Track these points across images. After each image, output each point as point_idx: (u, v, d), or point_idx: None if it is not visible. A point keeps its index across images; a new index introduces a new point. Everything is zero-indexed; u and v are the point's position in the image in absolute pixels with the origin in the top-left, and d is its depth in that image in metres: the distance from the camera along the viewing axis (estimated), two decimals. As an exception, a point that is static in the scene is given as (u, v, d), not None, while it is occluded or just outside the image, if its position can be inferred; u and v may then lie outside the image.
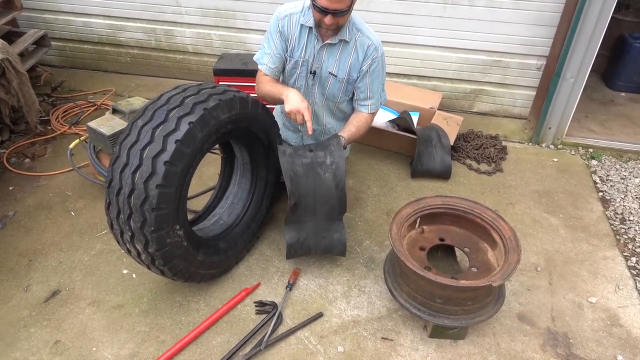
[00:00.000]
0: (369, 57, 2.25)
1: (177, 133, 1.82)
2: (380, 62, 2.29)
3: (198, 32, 3.89)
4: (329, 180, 2.17)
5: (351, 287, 2.37)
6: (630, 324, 2.23)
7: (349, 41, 2.22)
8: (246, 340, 2.08)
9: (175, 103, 1.90)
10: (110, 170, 1.88)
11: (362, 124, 2.36)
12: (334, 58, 2.26)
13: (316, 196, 2.20)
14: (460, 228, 2.26)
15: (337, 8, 2.00)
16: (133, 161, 1.81)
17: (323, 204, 2.22)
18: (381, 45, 2.28)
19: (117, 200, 1.85)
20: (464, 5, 3.32)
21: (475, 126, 3.60)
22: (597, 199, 3.00)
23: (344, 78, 2.31)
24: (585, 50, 3.04)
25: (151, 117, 1.87)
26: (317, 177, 2.17)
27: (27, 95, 3.15)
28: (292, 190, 2.14)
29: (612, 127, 3.68)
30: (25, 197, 2.88)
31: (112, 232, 1.98)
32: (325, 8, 2.01)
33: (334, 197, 2.20)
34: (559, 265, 2.52)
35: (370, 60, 2.25)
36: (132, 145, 1.84)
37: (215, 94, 1.98)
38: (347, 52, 2.25)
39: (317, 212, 2.24)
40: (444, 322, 1.99)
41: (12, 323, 2.16)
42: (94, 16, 3.99)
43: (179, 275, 2.07)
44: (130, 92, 3.96)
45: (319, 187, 2.18)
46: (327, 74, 2.31)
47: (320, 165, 2.17)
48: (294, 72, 2.34)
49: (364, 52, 2.24)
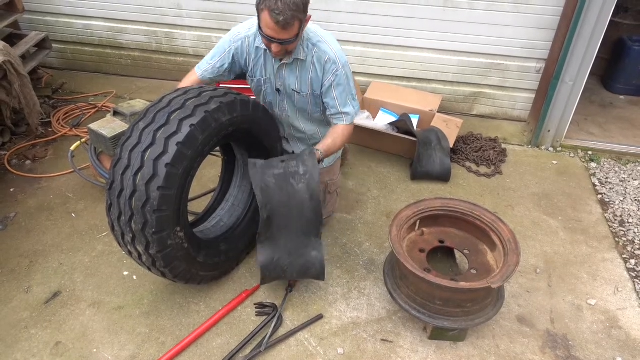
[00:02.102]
0: (329, 72, 2.13)
1: (179, 135, 1.83)
2: (343, 74, 2.15)
3: (199, 34, 3.91)
4: (302, 192, 2.05)
5: (351, 289, 2.38)
6: (630, 326, 2.24)
7: (304, 59, 2.12)
8: (246, 342, 2.09)
9: (176, 105, 1.91)
10: (111, 172, 1.88)
11: (339, 135, 2.24)
12: (294, 76, 2.18)
13: (290, 209, 2.07)
14: (460, 230, 2.27)
15: (282, 38, 1.93)
16: (134, 163, 1.82)
17: (298, 218, 2.09)
18: (342, 55, 2.14)
19: (119, 202, 1.86)
20: (464, 9, 3.33)
21: (475, 129, 3.61)
22: (596, 201, 3.01)
23: (308, 94, 2.23)
24: (584, 53, 3.05)
25: (153, 120, 1.88)
26: (290, 189, 2.05)
27: (28, 97, 3.16)
28: (263, 202, 2.03)
29: (611, 130, 3.70)
30: (26, 199, 2.89)
31: (113, 233, 1.98)
32: (270, 37, 1.93)
33: (308, 210, 2.07)
34: (558, 268, 2.53)
35: (331, 75, 2.13)
36: (133, 147, 1.84)
37: (217, 97, 1.99)
38: (306, 69, 2.16)
39: (292, 227, 2.11)
40: (443, 324, 2.00)
41: (13, 324, 2.17)
42: (95, 19, 4.01)
43: (179, 276, 2.07)
44: (131, 95, 3.98)
45: (293, 199, 2.06)
46: (291, 90, 2.24)
47: (293, 176, 2.06)
48: (260, 90, 2.31)
49: (322, 67, 2.13)
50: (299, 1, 1.87)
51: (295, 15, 1.88)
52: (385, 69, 3.74)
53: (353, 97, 2.24)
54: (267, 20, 1.89)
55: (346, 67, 2.17)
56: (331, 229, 2.72)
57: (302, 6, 1.90)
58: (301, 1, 1.89)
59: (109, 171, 1.92)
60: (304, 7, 1.91)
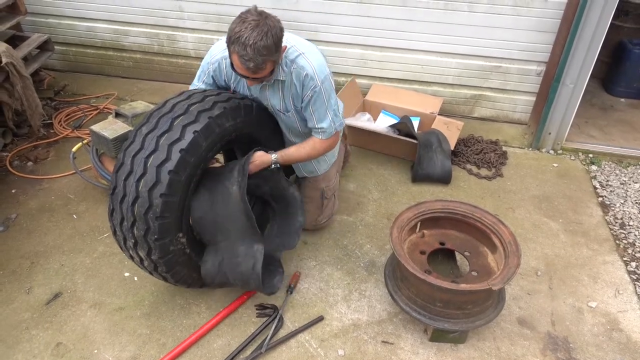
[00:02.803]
0: (307, 87, 2.04)
1: (182, 142, 1.82)
2: (321, 90, 2.05)
3: (200, 37, 3.92)
4: (235, 194, 1.99)
5: (352, 290, 2.38)
6: (630, 329, 2.24)
7: (284, 79, 2.05)
8: (247, 343, 2.09)
9: (180, 111, 1.89)
10: (114, 177, 1.87)
11: (308, 146, 2.20)
12: (278, 97, 2.13)
13: (227, 213, 2.02)
14: (461, 232, 2.27)
15: (256, 77, 1.89)
16: (137, 169, 1.81)
17: (233, 222, 2.03)
18: (321, 70, 2.04)
19: (121, 207, 1.85)
20: (464, 12, 3.34)
21: (476, 131, 3.62)
22: (596, 204, 3.01)
23: (293, 112, 2.19)
24: (584, 56, 3.06)
25: (155, 125, 1.86)
26: (224, 191, 2.01)
27: (30, 98, 3.17)
28: (193, 206, 1.99)
29: (612, 133, 3.70)
30: (27, 200, 2.89)
31: (115, 238, 1.97)
32: (243, 76, 1.91)
33: (241, 212, 2.01)
34: (559, 270, 2.53)
35: (310, 90, 2.04)
36: (136, 153, 1.83)
37: (220, 102, 1.97)
38: (287, 88, 2.09)
39: (230, 231, 2.06)
40: (444, 325, 2.00)
41: (14, 325, 2.17)
42: (97, 21, 4.02)
43: (181, 281, 2.07)
44: (133, 96, 3.99)
45: (227, 202, 2.01)
46: (277, 110, 2.21)
47: (229, 178, 2.02)
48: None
49: (300, 83, 2.05)
50: (270, 43, 1.76)
51: (267, 58, 1.80)
52: (385, 72, 3.74)
53: (334, 112, 2.15)
54: (237, 63, 1.83)
55: (326, 82, 2.06)
56: (332, 230, 2.72)
57: (274, 47, 1.79)
58: (272, 42, 1.77)
59: (111, 176, 1.90)
60: (275, 48, 1.80)
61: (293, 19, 3.61)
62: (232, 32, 1.78)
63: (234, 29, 1.77)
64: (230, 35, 1.79)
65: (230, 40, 1.79)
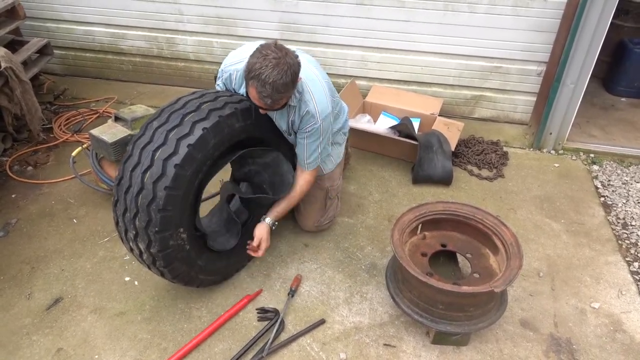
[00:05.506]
0: (306, 123, 2.11)
1: (190, 137, 1.85)
2: (319, 127, 2.12)
3: (199, 39, 3.92)
4: None
5: (353, 293, 2.37)
6: (634, 330, 2.22)
7: (295, 105, 2.09)
8: (248, 347, 2.08)
9: (191, 108, 1.93)
10: (121, 168, 1.91)
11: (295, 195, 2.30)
12: (284, 119, 2.18)
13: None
14: (462, 234, 2.26)
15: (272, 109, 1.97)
16: (144, 161, 1.84)
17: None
18: (323, 108, 2.10)
19: (125, 198, 1.88)
20: (464, 12, 3.34)
21: (476, 132, 3.61)
22: (598, 204, 3.00)
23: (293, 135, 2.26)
24: (585, 56, 3.05)
25: (167, 120, 1.91)
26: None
27: (29, 103, 3.17)
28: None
29: (613, 132, 3.69)
30: (27, 205, 2.89)
31: (117, 228, 2.01)
32: (259, 107, 1.97)
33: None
34: (561, 271, 2.52)
35: (308, 126, 2.12)
36: (145, 145, 1.87)
37: (232, 102, 2.01)
38: (293, 112, 2.14)
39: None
40: (446, 328, 1.99)
41: (15, 331, 2.16)
42: (96, 25, 4.02)
43: (178, 278, 2.08)
44: (133, 100, 3.98)
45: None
46: (282, 130, 2.25)
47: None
48: None
49: (300, 116, 2.11)
50: (288, 80, 1.81)
51: (284, 95, 1.86)
52: (385, 73, 3.74)
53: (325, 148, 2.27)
54: (254, 96, 1.88)
55: (326, 120, 2.13)
56: (333, 233, 2.71)
57: (291, 83, 1.84)
58: (290, 80, 1.82)
59: (119, 167, 1.94)
60: (293, 85, 1.86)
61: (293, 20, 3.61)
62: (252, 66, 1.81)
63: (255, 64, 1.80)
64: (249, 69, 1.81)
65: (250, 75, 1.82)
